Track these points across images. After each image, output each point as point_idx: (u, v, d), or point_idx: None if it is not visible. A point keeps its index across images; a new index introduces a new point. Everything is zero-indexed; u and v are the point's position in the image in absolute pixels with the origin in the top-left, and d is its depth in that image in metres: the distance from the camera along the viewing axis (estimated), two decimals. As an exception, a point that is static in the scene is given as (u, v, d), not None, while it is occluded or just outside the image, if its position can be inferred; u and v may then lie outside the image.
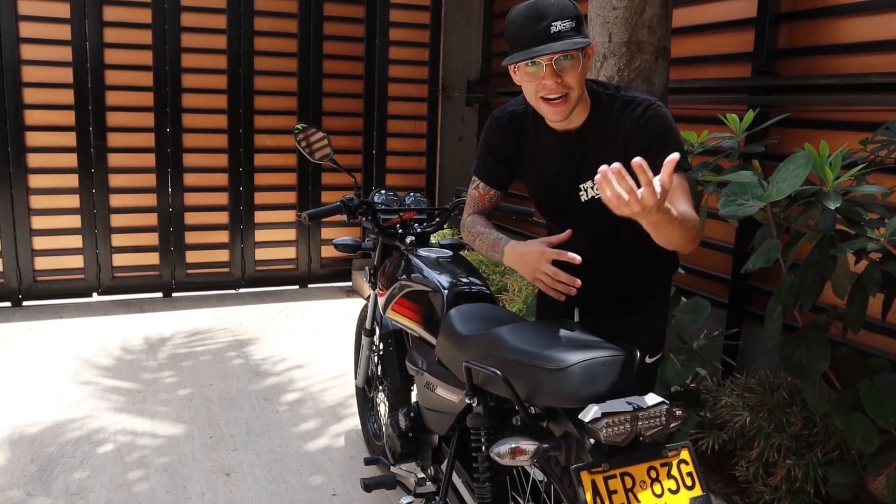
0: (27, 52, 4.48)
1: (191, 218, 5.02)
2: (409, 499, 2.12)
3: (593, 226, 1.81)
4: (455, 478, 1.90)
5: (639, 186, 1.60)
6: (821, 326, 2.08)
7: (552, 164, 1.82)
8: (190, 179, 4.96)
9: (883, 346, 2.52)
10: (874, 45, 2.55)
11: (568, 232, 1.69)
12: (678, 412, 1.31)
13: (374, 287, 2.64)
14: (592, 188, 1.76)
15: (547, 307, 2.03)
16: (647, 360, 1.86)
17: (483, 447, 1.65)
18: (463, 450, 1.85)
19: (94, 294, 4.92)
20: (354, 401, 3.28)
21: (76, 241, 4.76)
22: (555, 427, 1.41)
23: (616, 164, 1.30)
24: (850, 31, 2.65)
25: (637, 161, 1.29)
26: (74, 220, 4.73)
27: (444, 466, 1.94)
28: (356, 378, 2.90)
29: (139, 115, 4.78)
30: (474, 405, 1.62)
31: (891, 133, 2.06)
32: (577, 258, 1.59)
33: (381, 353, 2.62)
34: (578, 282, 1.63)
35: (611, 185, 1.30)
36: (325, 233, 5.37)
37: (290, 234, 5.31)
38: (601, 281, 1.86)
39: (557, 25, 1.58)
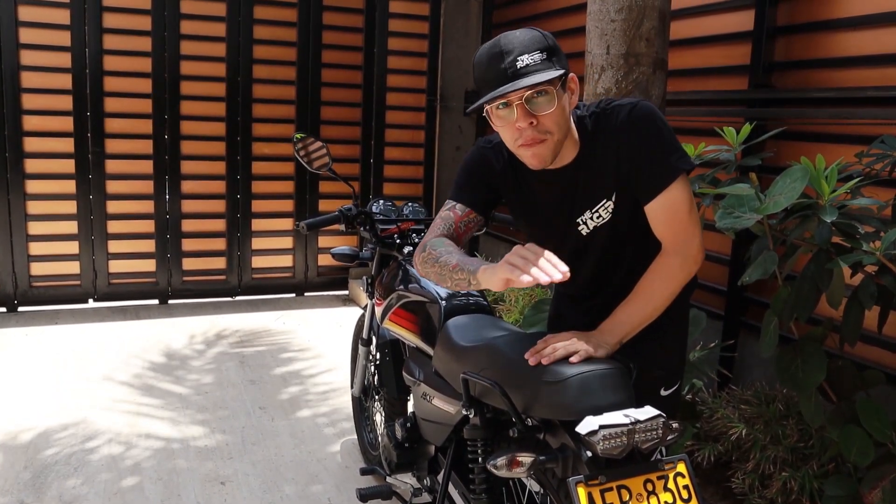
0: (27, 57, 4.49)
1: (188, 225, 5.02)
2: (405, 509, 2.12)
3: (593, 254, 1.71)
4: (451, 489, 1.90)
5: (635, 207, 1.62)
6: (817, 339, 2.09)
7: (546, 203, 1.69)
8: (187, 186, 4.97)
9: (879, 358, 2.52)
10: (870, 59, 2.57)
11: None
12: (675, 425, 1.31)
13: (371, 297, 2.64)
14: (592, 218, 1.64)
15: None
16: (663, 392, 1.72)
17: (479, 458, 1.65)
18: (459, 461, 1.85)
19: (90, 300, 4.91)
20: (350, 410, 3.28)
21: (73, 247, 4.76)
22: (552, 439, 1.41)
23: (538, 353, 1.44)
24: (846, 45, 2.67)
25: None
26: (71, 226, 4.73)
27: (440, 477, 1.93)
28: (352, 388, 2.90)
29: (137, 121, 4.78)
30: (471, 416, 1.62)
31: (886, 146, 2.07)
32: (563, 270, 1.31)
33: (377, 363, 2.62)
34: (564, 267, 1.31)
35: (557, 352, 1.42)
36: (322, 241, 5.37)
37: (287, 242, 5.30)
38: (605, 306, 1.67)
39: (525, 59, 1.43)
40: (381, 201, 2.67)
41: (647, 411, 1.29)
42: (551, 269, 1.29)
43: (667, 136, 1.55)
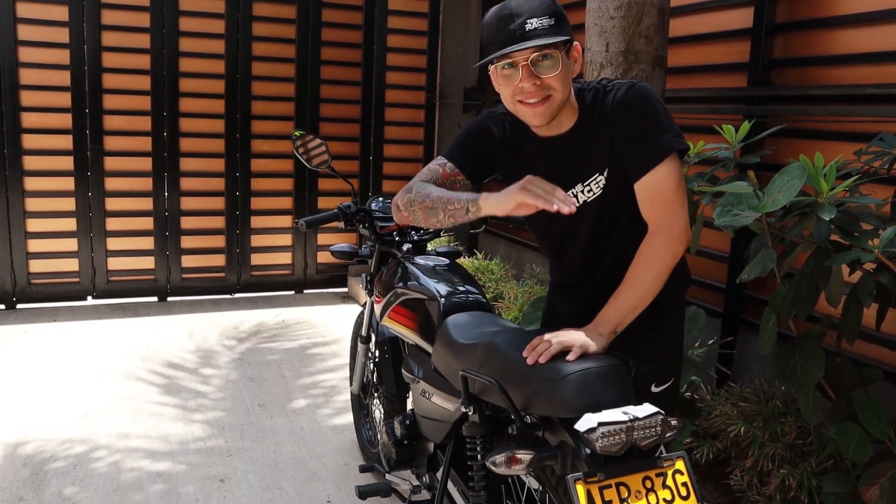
0: (25, 54, 4.48)
1: (187, 222, 5.01)
2: (404, 506, 2.12)
3: (584, 231, 1.72)
4: (450, 486, 1.90)
5: (622, 181, 1.62)
6: (815, 336, 2.09)
7: (541, 173, 1.67)
8: (186, 184, 4.96)
9: (877, 355, 2.53)
10: (869, 56, 2.57)
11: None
12: (673, 422, 1.31)
13: (370, 294, 2.64)
14: (583, 191, 1.67)
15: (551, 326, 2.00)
16: (653, 388, 1.72)
17: (479, 456, 1.65)
18: (458, 458, 1.85)
19: (89, 297, 4.91)
20: (349, 408, 3.28)
21: (71, 245, 4.76)
22: (550, 436, 1.41)
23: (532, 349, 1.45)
24: (846, 42, 2.67)
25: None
26: (70, 224, 4.73)
27: (439, 474, 1.94)
28: (351, 385, 2.90)
29: (136, 118, 4.78)
30: (470, 414, 1.62)
31: (885, 144, 2.07)
32: (572, 205, 1.41)
33: (376, 360, 2.62)
34: (573, 200, 1.42)
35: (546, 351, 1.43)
36: (322, 238, 5.37)
37: (287, 239, 5.30)
38: (595, 296, 1.71)
39: (533, 23, 1.47)
40: (381, 199, 2.67)
41: (646, 408, 1.30)
42: (564, 199, 1.40)
43: (661, 115, 1.57)
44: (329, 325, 4.66)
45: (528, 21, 1.47)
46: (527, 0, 1.50)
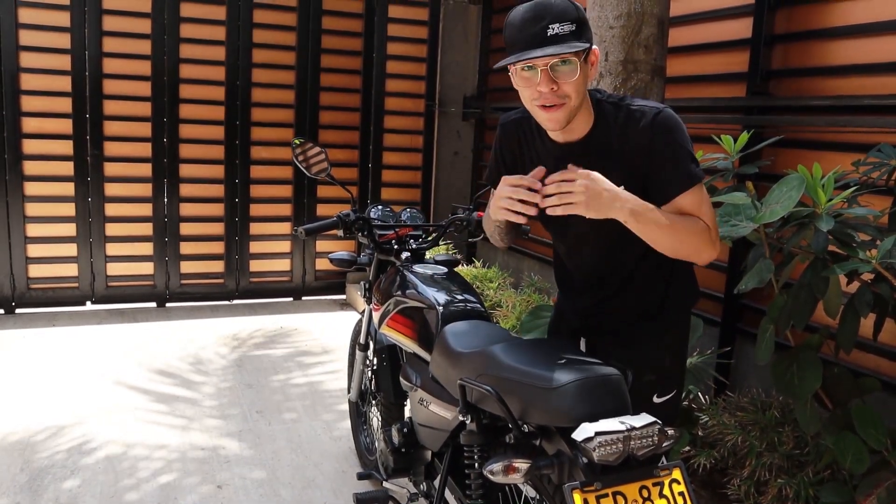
0: (26, 60, 4.49)
1: (186, 228, 5.02)
2: (402, 514, 2.12)
3: (596, 242, 1.73)
4: (447, 494, 1.90)
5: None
6: (813, 346, 2.10)
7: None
8: (186, 190, 4.97)
9: (875, 366, 2.53)
10: (867, 67, 2.59)
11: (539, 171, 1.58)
12: (671, 431, 1.31)
13: (368, 302, 2.64)
14: None
15: (555, 334, 2.01)
16: (655, 399, 1.74)
17: (476, 464, 1.65)
18: (456, 466, 1.85)
19: (88, 303, 4.91)
20: (347, 415, 3.28)
21: (71, 250, 4.76)
22: (548, 445, 1.42)
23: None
24: (844, 53, 2.68)
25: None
26: (70, 229, 4.73)
27: (436, 482, 1.94)
28: (349, 392, 2.90)
29: (136, 124, 4.79)
30: (468, 422, 1.62)
31: (882, 155, 2.08)
32: (537, 180, 1.52)
33: (375, 367, 2.62)
34: (538, 198, 1.51)
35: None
36: (320, 245, 5.38)
37: (285, 246, 5.31)
38: (606, 304, 1.77)
39: (555, 28, 1.49)
40: (380, 207, 2.68)
41: (643, 418, 1.30)
42: (527, 204, 1.53)
43: (689, 144, 1.61)
44: (327, 333, 4.66)
45: (550, 26, 1.49)
46: (553, 4, 1.52)
